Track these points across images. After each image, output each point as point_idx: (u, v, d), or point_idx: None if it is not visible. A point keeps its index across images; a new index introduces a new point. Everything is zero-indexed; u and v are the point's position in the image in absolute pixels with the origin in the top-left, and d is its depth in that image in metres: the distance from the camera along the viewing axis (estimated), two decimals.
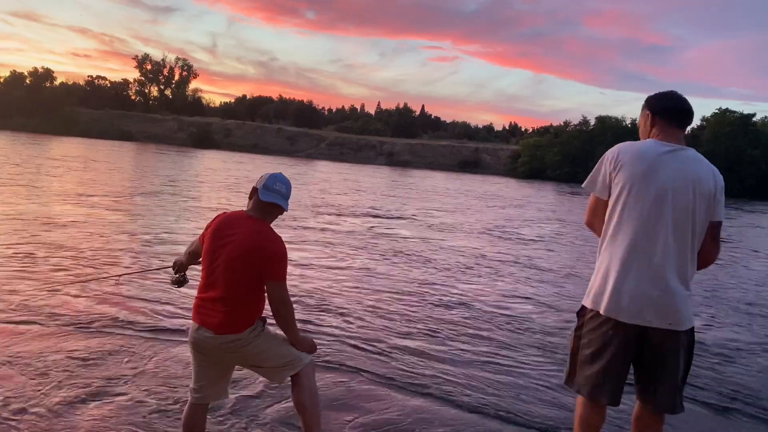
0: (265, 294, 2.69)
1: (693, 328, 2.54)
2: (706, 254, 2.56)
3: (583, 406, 2.67)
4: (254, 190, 2.74)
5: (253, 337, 2.66)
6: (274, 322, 2.74)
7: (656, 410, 2.56)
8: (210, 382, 2.73)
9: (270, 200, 2.68)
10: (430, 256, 9.45)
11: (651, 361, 2.50)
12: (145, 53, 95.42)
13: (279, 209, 2.74)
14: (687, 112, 2.59)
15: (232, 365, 2.83)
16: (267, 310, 2.70)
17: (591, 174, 2.66)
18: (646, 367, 2.54)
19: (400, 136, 72.14)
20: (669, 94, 2.64)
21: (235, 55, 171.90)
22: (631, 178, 2.47)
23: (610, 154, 2.58)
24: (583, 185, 2.73)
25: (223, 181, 21.49)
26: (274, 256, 2.61)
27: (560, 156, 52.68)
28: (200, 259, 3.00)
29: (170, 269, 3.18)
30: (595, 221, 2.68)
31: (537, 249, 11.20)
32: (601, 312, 2.51)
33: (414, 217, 15.10)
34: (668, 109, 2.58)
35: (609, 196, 2.56)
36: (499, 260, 9.56)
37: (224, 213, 2.78)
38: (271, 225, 2.74)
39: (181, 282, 3.16)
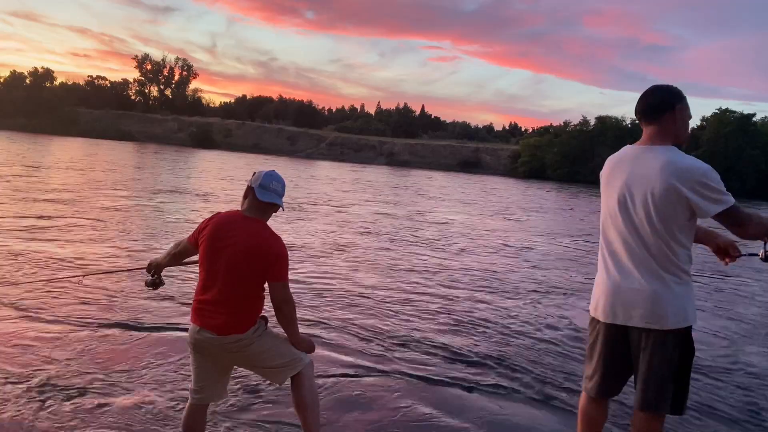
0: (265, 293, 2.69)
1: (686, 329, 2.48)
2: (737, 235, 2.47)
3: (582, 400, 2.77)
4: (249, 189, 2.71)
5: (256, 337, 2.67)
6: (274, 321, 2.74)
7: (637, 406, 2.57)
8: (210, 382, 2.73)
9: (268, 200, 2.67)
10: (147, 222, 10.38)
11: (633, 359, 2.57)
12: (145, 53, 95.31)
13: (275, 208, 2.74)
14: (647, 108, 2.56)
15: (232, 366, 2.83)
16: (266, 309, 2.71)
17: None
18: (633, 364, 2.60)
19: (400, 136, 72.16)
20: (641, 95, 2.62)
21: (235, 55, 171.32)
22: (602, 186, 2.69)
23: None
24: None
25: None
26: (278, 257, 2.61)
27: (560, 156, 52.69)
28: (184, 261, 2.99)
29: (143, 271, 3.07)
30: None
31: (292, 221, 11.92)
32: (591, 314, 2.68)
33: (208, 194, 16.44)
34: (636, 111, 2.64)
35: None
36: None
37: (219, 213, 2.75)
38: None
39: (156, 284, 3.04)
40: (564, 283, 7.99)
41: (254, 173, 2.74)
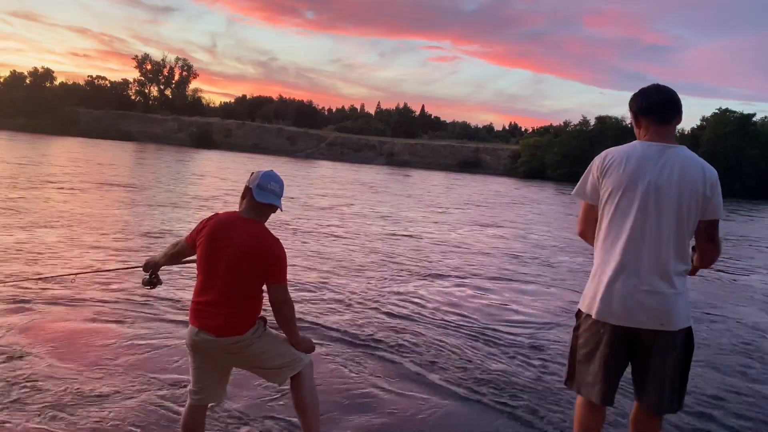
0: (264, 294, 2.69)
1: (689, 328, 2.49)
2: (704, 255, 2.53)
3: (581, 407, 2.68)
4: (247, 189, 2.70)
5: (255, 338, 2.66)
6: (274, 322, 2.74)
7: (646, 409, 2.55)
8: (209, 383, 2.72)
9: (266, 201, 2.65)
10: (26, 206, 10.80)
11: (641, 360, 2.51)
12: (145, 53, 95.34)
13: (273, 209, 2.72)
14: (666, 106, 2.48)
15: (232, 366, 2.82)
16: (265, 309, 2.71)
17: (579, 181, 2.64)
18: (637, 365, 2.55)
19: (400, 136, 72.14)
20: (647, 90, 2.53)
21: (235, 55, 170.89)
22: (617, 182, 2.47)
23: (597, 159, 2.58)
24: (572, 193, 2.72)
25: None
26: (278, 259, 2.60)
27: (560, 156, 52.67)
28: (182, 261, 2.98)
29: (140, 271, 3.07)
30: (587, 229, 2.67)
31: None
32: (593, 316, 2.53)
33: (134, 185, 17.18)
34: (646, 107, 2.51)
35: (599, 202, 2.56)
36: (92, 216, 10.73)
37: (217, 214, 2.74)
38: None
39: (153, 283, 3.03)
40: (432, 267, 8.45)
41: (252, 173, 2.72)
